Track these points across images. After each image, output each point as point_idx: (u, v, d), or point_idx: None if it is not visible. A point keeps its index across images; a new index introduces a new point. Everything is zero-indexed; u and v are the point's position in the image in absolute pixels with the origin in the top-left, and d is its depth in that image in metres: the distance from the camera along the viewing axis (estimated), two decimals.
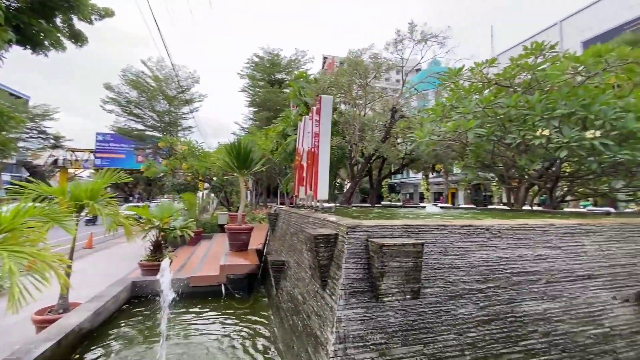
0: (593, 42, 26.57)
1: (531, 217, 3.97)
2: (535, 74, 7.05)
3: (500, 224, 2.98)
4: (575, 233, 3.14)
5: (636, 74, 6.65)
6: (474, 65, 8.45)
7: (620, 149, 5.56)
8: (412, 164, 18.33)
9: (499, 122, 6.90)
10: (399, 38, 12.04)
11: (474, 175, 9.48)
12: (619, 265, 3.17)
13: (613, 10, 28.90)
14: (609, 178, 7.21)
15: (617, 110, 5.59)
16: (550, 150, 6.36)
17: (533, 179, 7.89)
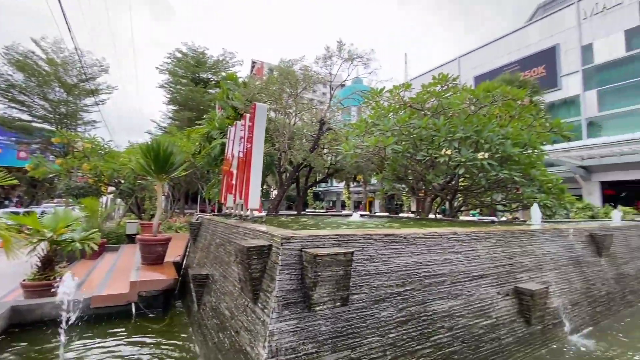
0: (482, 78, 31.83)
1: (439, 225, 4.58)
2: (441, 101, 8.22)
3: (415, 233, 3.37)
4: (472, 239, 3.75)
5: (513, 108, 8.29)
6: (393, 88, 9.44)
7: (501, 168, 6.85)
8: (337, 173, 19.25)
9: (412, 140, 7.80)
10: (328, 54, 12.65)
11: (390, 186, 10.46)
12: (501, 265, 3.88)
13: (496, 54, 35.63)
14: (492, 192, 8.81)
15: (499, 137, 6.88)
16: (451, 167, 7.46)
17: (437, 191, 9.10)
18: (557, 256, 4.66)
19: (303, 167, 15.24)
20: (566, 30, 29.84)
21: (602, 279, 5.17)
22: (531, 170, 7.41)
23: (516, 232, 4.31)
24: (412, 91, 9.56)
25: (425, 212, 9.87)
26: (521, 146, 7.05)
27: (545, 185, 7.78)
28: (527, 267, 4.15)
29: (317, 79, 14.43)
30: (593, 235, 5.46)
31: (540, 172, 7.71)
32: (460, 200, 9.84)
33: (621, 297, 5.33)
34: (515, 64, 32.64)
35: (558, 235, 4.93)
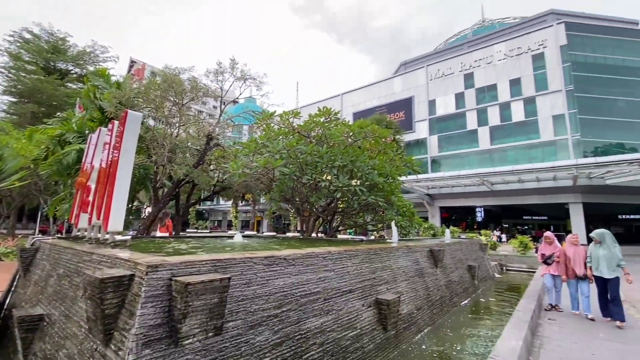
0: (359, 115, 36.29)
1: (316, 245, 4.92)
2: (325, 131, 9.09)
3: (295, 253, 3.54)
4: (343, 257, 4.19)
5: (380, 144, 9.85)
6: (283, 113, 9.91)
7: (370, 194, 7.98)
8: (224, 191, 18.39)
9: (298, 164, 8.28)
10: (220, 69, 12.33)
11: (277, 206, 10.71)
12: (366, 279, 4.45)
13: (371, 97, 41.93)
14: (363, 214, 10.11)
15: (369, 167, 8.04)
16: (331, 191, 8.22)
17: (319, 212, 9.82)
18: (407, 269, 5.66)
19: (185, 183, 13.99)
20: (419, 87, 37.88)
21: (437, 286, 6.51)
22: (391, 196, 8.87)
23: (378, 249, 5.04)
24: (301, 118, 10.27)
25: (309, 232, 10.44)
26: (385, 176, 8.40)
27: (401, 209, 9.44)
28: (385, 280, 4.87)
29: (207, 92, 13.82)
30: (432, 250, 6.87)
31: (398, 198, 9.33)
32: (338, 221, 10.87)
33: (449, 299, 6.82)
34: (384, 107, 39.18)
35: (408, 252, 6.01)
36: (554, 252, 6.29)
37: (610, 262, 5.54)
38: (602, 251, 5.70)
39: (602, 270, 5.61)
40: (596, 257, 5.77)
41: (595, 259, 5.77)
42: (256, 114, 13.49)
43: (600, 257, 5.69)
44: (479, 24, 48.24)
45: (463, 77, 34.67)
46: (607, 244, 5.70)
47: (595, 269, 5.74)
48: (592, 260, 5.82)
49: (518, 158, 29.60)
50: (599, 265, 5.67)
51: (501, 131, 31.83)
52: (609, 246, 5.68)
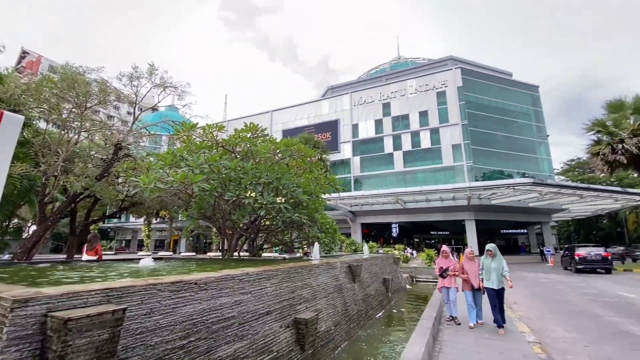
0: (289, 132, 37.02)
1: (235, 266, 4.71)
2: (251, 147, 8.96)
3: (208, 277, 3.33)
4: (262, 278, 4.09)
5: (306, 163, 10.10)
6: (206, 126, 9.46)
7: (295, 211, 8.04)
8: (134, 208, 16.39)
9: (221, 180, 7.93)
10: (136, 74, 11.25)
11: (196, 224, 9.97)
12: (285, 300, 4.40)
13: (301, 116, 43.10)
14: (288, 231, 10.11)
15: (294, 185, 8.14)
16: (255, 208, 8.04)
17: (242, 230, 9.47)
18: (327, 286, 5.80)
19: (84, 198, 12.07)
20: (344, 111, 40.49)
21: (355, 300, 6.81)
22: (315, 213, 9.10)
23: (299, 267, 5.07)
24: (226, 132, 9.95)
25: (231, 251, 9.94)
26: (309, 194, 8.61)
27: (325, 226, 9.74)
28: (305, 299, 4.90)
29: (119, 96, 12.40)
30: (350, 266, 7.20)
31: (321, 215, 9.61)
32: (263, 239, 10.63)
33: (365, 313, 7.18)
34: (313, 127, 40.65)
35: (328, 268, 6.18)
36: (449, 266, 6.68)
37: (499, 273, 5.97)
38: (493, 264, 6.05)
39: (493, 282, 5.98)
40: (488, 269, 6.08)
41: (488, 270, 6.09)
42: (176, 124, 12.58)
43: (492, 269, 6.03)
44: (396, 60, 54.46)
45: (382, 106, 38.37)
46: (498, 256, 6.13)
47: (487, 281, 6.09)
48: (485, 272, 6.14)
49: (426, 180, 33.53)
50: (490, 277, 6.02)
51: (412, 156, 35.87)
52: (499, 258, 6.11)
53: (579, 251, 18.85)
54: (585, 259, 18.14)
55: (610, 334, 6.21)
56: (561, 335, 6.19)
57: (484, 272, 6.17)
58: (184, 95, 13.07)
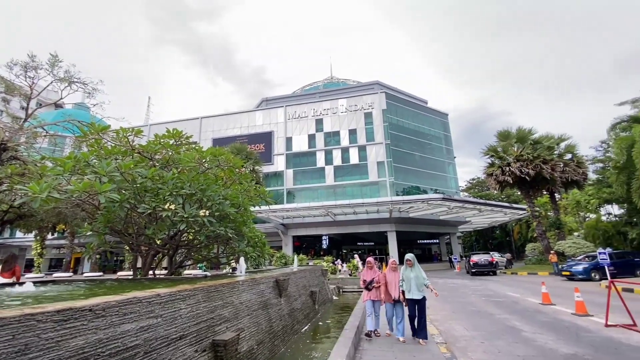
0: (220, 141, 35.59)
1: (146, 287, 4.22)
2: (173, 154, 8.29)
3: (107, 301, 2.90)
4: (176, 300, 3.73)
5: (234, 174, 9.73)
6: (120, 129, 8.47)
7: (219, 225, 7.63)
8: (21, 220, 13.62)
9: (135, 190, 7.12)
10: (32, 63, 9.60)
11: (102, 241, 8.71)
12: (202, 321, 4.09)
13: (233, 125, 41.72)
14: (213, 246, 9.51)
15: (220, 197, 7.75)
16: (175, 222, 7.39)
17: (159, 247, 8.59)
18: (251, 303, 5.58)
19: None
20: (278, 123, 40.63)
21: (280, 315, 6.68)
22: (243, 227, 8.78)
23: (219, 285, 4.78)
24: (143, 137, 9.02)
25: (145, 270, 8.89)
26: (237, 206, 8.28)
27: (253, 240, 9.44)
28: (226, 318, 4.62)
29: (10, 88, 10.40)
30: (277, 280, 7.08)
31: (250, 229, 9.32)
32: (183, 255, 9.79)
33: (291, 327, 7.09)
34: (246, 137, 39.73)
35: (254, 284, 5.97)
36: (374, 277, 6.45)
37: (419, 283, 5.83)
38: (412, 273, 5.92)
39: (413, 292, 5.84)
40: (408, 280, 5.92)
41: (408, 281, 5.92)
42: (83, 124, 11.03)
43: (411, 279, 5.88)
44: (329, 79, 57.17)
45: (315, 121, 39.62)
46: (416, 266, 5.99)
47: (407, 292, 5.91)
48: (405, 283, 5.96)
49: (354, 193, 35.39)
50: (411, 288, 5.87)
51: (342, 170, 37.64)
52: (418, 268, 5.98)
53: (473, 258, 23.73)
54: (477, 263, 22.68)
55: (500, 330, 7.25)
56: (462, 334, 7.00)
57: (404, 282, 6.01)
58: (95, 93, 11.59)
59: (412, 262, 6.05)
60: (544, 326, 7.39)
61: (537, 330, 7.01)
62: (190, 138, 9.40)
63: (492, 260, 22.47)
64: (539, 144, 26.03)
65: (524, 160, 25.06)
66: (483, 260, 22.48)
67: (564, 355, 5.35)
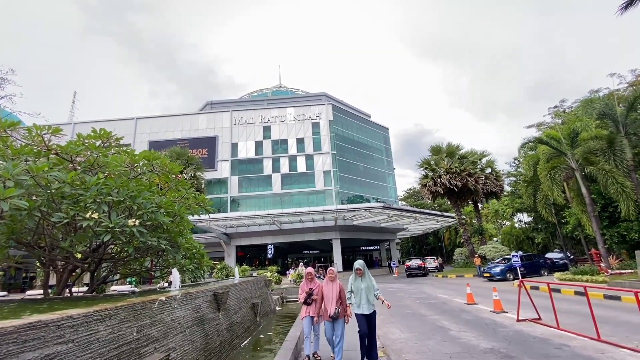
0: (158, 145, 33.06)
1: (52, 310, 3.69)
2: (99, 157, 7.46)
3: (3, 328, 2.47)
4: (92, 321, 3.33)
5: (171, 180, 9.09)
6: (33, 126, 7.40)
7: (151, 235, 7.02)
8: None
9: (50, 196, 6.23)
10: None
11: (4, 255, 7.40)
12: (125, 343, 3.70)
13: (173, 128, 39.03)
14: (142, 259, 8.70)
15: (153, 205, 7.16)
16: (97, 232, 6.61)
17: (78, 261, 7.60)
18: (185, 320, 5.22)
19: None
20: (223, 128, 39.21)
21: (218, 331, 6.35)
22: (179, 237, 8.21)
23: (148, 302, 4.40)
24: (62, 137, 7.97)
25: (59, 288, 7.76)
26: (172, 215, 7.73)
27: (190, 252, 8.87)
28: (154, 338, 4.24)
29: None
30: (215, 294, 6.74)
31: (186, 239, 8.75)
32: (108, 270, 8.78)
33: (229, 342, 6.77)
34: (187, 141, 37.49)
35: (188, 299, 5.60)
36: (313, 289, 5.58)
37: (370, 294, 5.05)
38: (363, 284, 5.07)
39: (364, 306, 4.97)
40: (358, 291, 5.05)
41: (358, 293, 5.05)
42: None
43: (362, 290, 5.02)
44: (277, 87, 57.15)
45: (262, 128, 39.14)
46: (367, 275, 5.20)
47: (357, 306, 5.03)
48: (354, 296, 5.09)
49: (301, 202, 35.52)
50: (361, 301, 5.00)
51: (289, 178, 37.60)
52: (368, 277, 5.19)
53: (407, 262, 29.26)
54: (410, 267, 27.67)
55: (431, 330, 7.83)
56: (398, 336, 7.40)
57: (352, 295, 5.13)
58: (4, 83, 9.98)
59: (363, 271, 5.14)
60: (468, 324, 8.17)
61: (462, 329, 7.73)
62: (122, 140, 8.58)
63: (422, 265, 27.42)
64: (465, 159, 29.15)
65: (452, 172, 27.80)
66: (414, 264, 27.50)
67: (483, 349, 5.98)
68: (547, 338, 6.49)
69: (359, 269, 5.17)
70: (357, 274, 5.18)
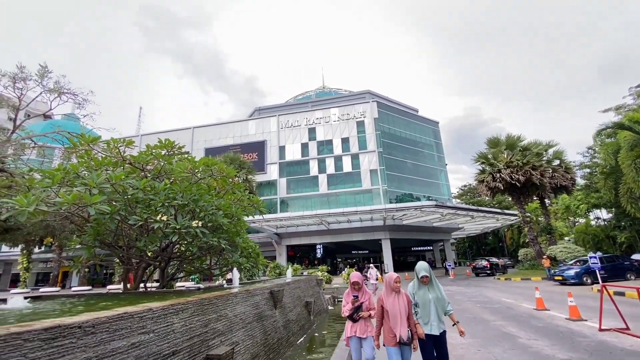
0: (213, 151, 35.37)
1: (134, 303, 4.11)
2: (165, 165, 8.20)
3: (97, 318, 2.81)
4: (168, 314, 3.64)
5: (227, 183, 9.66)
6: (111, 140, 8.37)
7: (212, 236, 7.52)
8: (7, 234, 13.25)
9: (126, 201, 7.00)
10: (21, 74, 9.49)
11: (91, 254, 8.49)
12: (196, 335, 3.98)
13: (226, 135, 41.57)
14: (205, 258, 9.36)
15: (213, 207, 7.66)
16: (166, 233, 7.26)
17: (151, 259, 8.42)
18: (246, 315, 5.48)
19: None
20: (271, 132, 40.66)
21: (275, 327, 6.56)
22: (236, 237, 8.67)
23: (213, 298, 4.69)
24: (135, 148, 8.92)
25: (136, 284, 8.69)
26: (230, 217, 8.19)
27: (247, 251, 9.32)
28: (220, 332, 4.52)
29: None
30: (272, 291, 6.98)
31: (243, 239, 9.20)
32: (175, 268, 9.60)
33: (286, 339, 6.96)
34: (239, 146, 39.63)
35: (248, 296, 5.87)
36: (362, 302, 4.18)
37: (440, 309, 3.78)
38: (431, 294, 3.81)
39: (433, 325, 3.68)
40: (426, 305, 3.76)
41: (425, 307, 3.76)
42: (73, 135, 10.86)
43: (430, 303, 3.75)
44: (321, 88, 57.71)
45: (308, 130, 39.78)
46: (435, 282, 3.90)
47: (424, 324, 3.71)
48: (420, 310, 3.77)
49: (347, 201, 35.39)
50: (430, 318, 3.71)
51: (335, 179, 37.69)
52: (437, 286, 3.90)
53: (474, 262, 31.34)
54: (476, 267, 29.45)
55: (496, 336, 7.23)
56: (459, 341, 6.96)
57: (419, 308, 3.79)
58: (85, 103, 11.47)
59: (430, 278, 3.87)
60: (539, 332, 7.41)
61: (533, 336, 7.02)
62: (183, 148, 9.34)
63: (487, 264, 28.67)
64: (527, 151, 26.52)
65: (514, 166, 25.47)
66: (480, 265, 29.23)
67: None
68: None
69: (426, 276, 3.83)
70: (421, 282, 3.86)
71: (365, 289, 4.40)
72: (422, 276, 3.84)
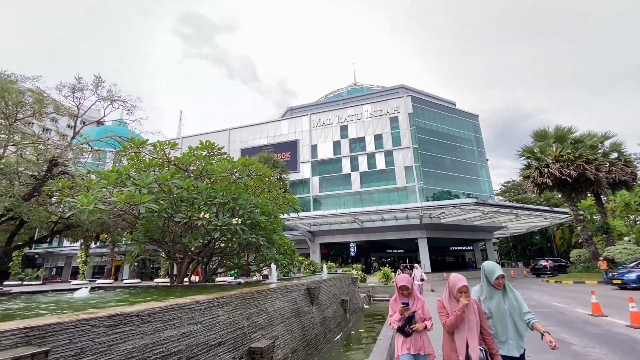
0: (248, 151, 36.44)
1: (184, 294, 4.37)
2: (206, 165, 8.62)
3: (152, 308, 3.03)
4: (214, 306, 3.83)
5: (264, 182, 9.93)
6: (157, 143, 8.95)
7: (251, 233, 7.78)
8: (69, 231, 14.70)
9: (172, 200, 7.46)
10: (79, 85, 10.44)
11: (141, 249, 9.17)
12: (239, 328, 4.15)
13: (260, 135, 42.78)
14: (244, 254, 9.71)
15: (251, 205, 7.92)
16: (209, 230, 7.64)
17: (194, 254, 8.90)
18: (284, 310, 5.60)
19: (6, 220, 10.60)
20: (303, 131, 41.08)
21: (312, 324, 6.64)
22: (273, 235, 8.89)
23: (254, 292, 4.85)
24: (178, 150, 9.46)
25: (181, 277, 9.24)
26: (267, 214, 8.41)
27: (283, 248, 9.53)
28: (261, 325, 4.66)
29: (58, 108, 11.34)
30: (309, 288, 7.07)
31: (279, 236, 9.42)
32: (217, 263, 10.07)
33: (323, 336, 7.02)
34: (272, 146, 40.55)
35: (286, 292, 6.00)
36: (414, 311, 3.28)
37: (519, 321, 2.89)
38: (507, 302, 2.94)
39: (511, 343, 2.86)
40: (503, 317, 2.90)
41: (503, 320, 2.90)
42: (124, 139, 11.73)
43: (506, 314, 2.90)
44: (352, 85, 57.19)
45: (339, 128, 39.64)
46: (508, 287, 3.02)
47: (501, 342, 2.87)
48: (497, 325, 2.91)
49: (381, 199, 34.79)
50: (508, 332, 2.87)
51: (368, 176, 37.17)
52: (511, 290, 3.03)
53: (532, 263, 32.21)
54: (535, 267, 29.69)
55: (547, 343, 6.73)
56: None
57: (494, 322, 2.93)
58: (133, 109, 12.36)
59: (503, 281, 3.00)
60: (595, 339, 6.79)
61: (589, 344, 6.45)
62: (222, 149, 9.74)
63: (546, 265, 28.48)
64: (580, 143, 24.27)
65: (564, 160, 23.45)
66: (539, 265, 29.19)
67: None
68: None
69: (502, 276, 2.96)
70: (496, 286, 2.97)
71: (417, 294, 3.47)
72: (498, 276, 2.94)
